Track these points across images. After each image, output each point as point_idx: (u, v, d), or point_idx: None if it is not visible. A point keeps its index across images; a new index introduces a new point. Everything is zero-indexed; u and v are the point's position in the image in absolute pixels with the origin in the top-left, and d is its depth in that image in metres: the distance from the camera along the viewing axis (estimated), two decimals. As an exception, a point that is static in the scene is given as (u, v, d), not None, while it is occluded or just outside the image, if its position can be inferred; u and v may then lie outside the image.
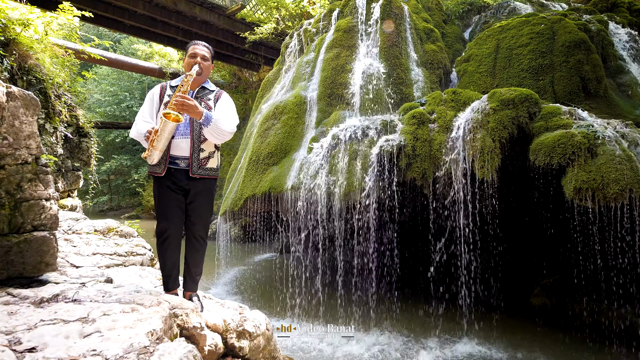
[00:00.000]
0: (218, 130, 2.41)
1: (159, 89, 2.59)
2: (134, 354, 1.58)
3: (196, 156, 2.48)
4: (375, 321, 5.02)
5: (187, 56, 2.58)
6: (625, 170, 3.79)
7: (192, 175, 2.46)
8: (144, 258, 3.77)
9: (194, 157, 2.47)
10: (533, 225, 5.44)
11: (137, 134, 2.50)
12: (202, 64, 2.52)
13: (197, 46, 2.58)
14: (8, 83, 3.83)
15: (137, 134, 2.49)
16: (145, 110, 2.56)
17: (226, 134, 2.47)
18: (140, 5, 12.00)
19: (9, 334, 1.62)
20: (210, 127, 2.38)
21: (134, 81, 24.39)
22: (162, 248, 2.47)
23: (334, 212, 5.23)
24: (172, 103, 2.28)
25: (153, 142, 2.31)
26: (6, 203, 2.22)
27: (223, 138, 2.49)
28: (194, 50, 2.56)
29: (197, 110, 2.32)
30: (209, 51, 2.64)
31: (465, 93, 5.39)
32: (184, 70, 2.58)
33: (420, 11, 7.82)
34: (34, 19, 5.07)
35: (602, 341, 4.38)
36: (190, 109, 2.30)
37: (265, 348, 2.58)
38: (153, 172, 2.48)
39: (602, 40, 6.41)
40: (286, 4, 14.04)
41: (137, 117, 2.56)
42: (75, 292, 2.16)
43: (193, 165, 2.47)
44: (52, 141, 5.25)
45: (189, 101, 2.29)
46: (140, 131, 2.47)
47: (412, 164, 4.88)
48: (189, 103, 2.29)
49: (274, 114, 6.59)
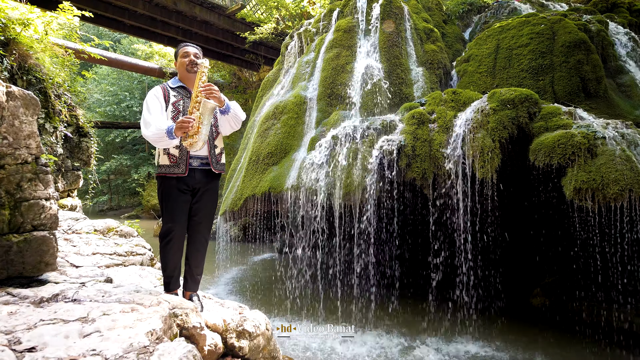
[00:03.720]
0: (236, 117, 2.55)
1: (161, 91, 2.52)
2: (134, 353, 1.58)
3: (213, 152, 2.56)
4: (375, 321, 5.02)
5: (179, 59, 2.60)
6: (625, 170, 3.79)
7: (215, 171, 2.55)
8: (144, 258, 3.77)
9: (211, 153, 2.55)
10: (533, 225, 5.44)
11: (155, 131, 2.31)
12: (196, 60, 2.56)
13: (187, 46, 2.62)
14: (8, 83, 3.83)
15: (157, 131, 2.31)
16: (156, 108, 2.44)
17: (240, 121, 2.62)
18: (140, 5, 12.00)
19: (8, 334, 1.62)
20: (230, 114, 2.51)
21: (134, 81, 24.39)
22: (166, 249, 2.46)
23: (333, 212, 5.23)
24: (200, 92, 2.35)
25: (198, 128, 2.28)
26: (6, 203, 2.22)
27: (237, 126, 2.62)
28: (185, 50, 2.60)
29: (221, 98, 2.41)
30: (199, 50, 2.67)
31: (465, 93, 5.39)
32: (179, 71, 2.60)
33: (420, 11, 7.82)
34: (34, 18, 5.07)
35: (602, 341, 4.38)
36: (218, 95, 2.38)
37: (265, 348, 2.58)
38: (170, 173, 2.42)
39: (602, 40, 6.41)
40: (286, 4, 14.04)
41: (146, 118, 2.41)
42: (75, 292, 2.16)
43: (213, 162, 2.54)
44: (52, 141, 5.25)
45: (215, 89, 2.36)
46: (160, 127, 2.31)
47: (412, 164, 4.88)
48: (216, 91, 2.37)
49: (274, 113, 6.59)
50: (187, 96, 2.54)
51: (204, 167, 2.51)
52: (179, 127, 2.26)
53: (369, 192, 4.86)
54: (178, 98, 2.52)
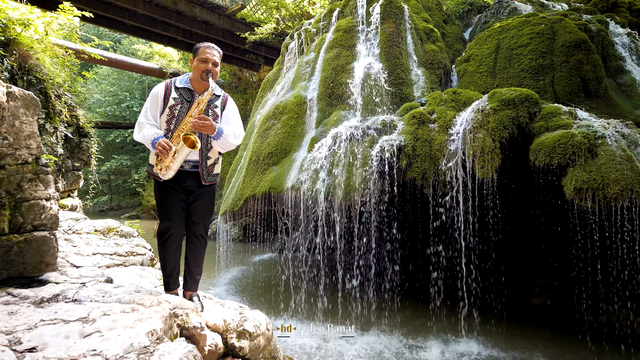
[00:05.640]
0: (226, 143, 2.50)
1: (163, 89, 2.47)
2: (134, 353, 1.58)
3: (205, 164, 2.52)
4: (375, 321, 5.02)
5: (196, 59, 2.48)
6: (626, 170, 3.79)
7: (204, 183, 2.53)
8: (144, 258, 3.77)
9: (203, 165, 2.51)
10: (533, 225, 5.43)
11: (143, 139, 2.40)
12: (213, 70, 2.47)
13: (209, 50, 2.48)
14: (8, 83, 3.84)
15: (144, 139, 2.39)
16: (149, 112, 2.45)
17: (233, 146, 2.58)
18: (141, 5, 12.01)
19: (9, 334, 1.62)
20: (220, 140, 2.46)
21: (134, 81, 24.40)
22: (164, 247, 2.47)
23: (334, 212, 5.23)
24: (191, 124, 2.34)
25: (171, 163, 2.32)
26: (6, 203, 2.22)
27: (229, 149, 2.59)
28: (205, 55, 2.46)
29: (212, 127, 2.38)
30: (220, 55, 2.56)
31: (466, 93, 5.39)
32: (193, 72, 2.50)
33: (420, 11, 7.82)
34: (34, 19, 5.06)
35: (602, 341, 4.38)
36: (208, 129, 2.37)
37: (265, 348, 2.58)
38: (154, 175, 2.45)
39: (602, 40, 6.41)
40: (286, 4, 14.04)
41: (140, 119, 2.45)
42: (76, 292, 2.16)
43: (203, 174, 2.52)
44: (52, 141, 5.25)
45: (206, 122, 2.35)
46: (146, 136, 2.37)
47: (412, 163, 4.88)
48: (207, 124, 2.35)
49: (274, 114, 6.59)
50: (188, 100, 2.47)
51: (194, 169, 2.50)
52: (158, 148, 2.31)
53: (370, 192, 4.86)
54: (177, 101, 2.45)
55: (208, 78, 2.45)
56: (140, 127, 2.43)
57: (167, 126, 2.43)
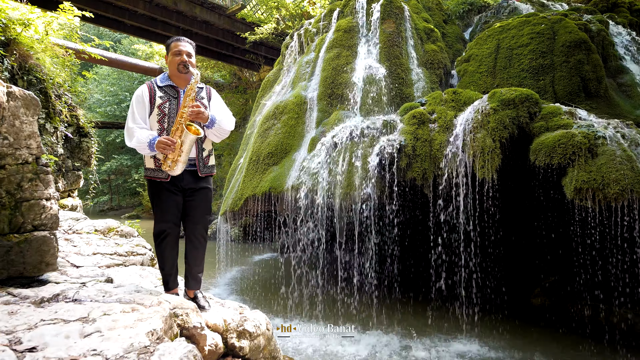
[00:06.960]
0: (221, 130, 2.52)
1: (147, 90, 2.45)
2: (134, 353, 1.58)
3: (201, 156, 2.53)
4: (375, 321, 5.02)
5: (170, 54, 2.50)
6: (626, 170, 3.79)
7: (201, 175, 2.52)
8: (145, 258, 3.77)
9: (199, 157, 2.52)
10: (533, 225, 5.43)
11: (137, 143, 2.35)
12: (189, 62, 2.48)
13: (180, 42, 2.50)
14: (8, 83, 3.83)
15: (138, 143, 2.34)
16: (137, 116, 2.41)
17: (228, 131, 2.60)
18: (141, 5, 12.01)
19: (9, 334, 1.62)
20: (214, 128, 2.47)
21: (134, 81, 24.40)
22: (162, 247, 2.47)
23: (334, 212, 5.23)
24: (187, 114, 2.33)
25: (179, 156, 2.30)
26: (7, 203, 2.22)
27: (224, 136, 2.61)
28: (177, 48, 2.48)
29: (206, 115, 2.39)
30: (193, 46, 2.58)
31: (466, 93, 5.39)
32: (169, 67, 2.51)
33: (420, 11, 7.82)
34: (34, 19, 5.06)
35: (602, 341, 4.38)
36: (203, 117, 2.38)
37: (265, 348, 2.58)
38: (155, 177, 2.43)
39: (603, 40, 6.40)
40: (286, 4, 14.04)
41: (129, 125, 2.40)
42: (76, 292, 2.16)
43: (200, 166, 2.53)
44: (52, 141, 5.25)
45: (202, 109, 2.37)
46: (141, 140, 2.33)
47: (413, 163, 4.88)
48: (203, 112, 2.37)
49: (274, 114, 6.60)
50: (174, 97, 2.47)
51: (191, 168, 2.49)
52: (160, 147, 2.29)
53: (370, 192, 4.86)
54: (164, 100, 2.44)
55: (186, 69, 2.46)
56: (131, 132, 2.39)
57: (160, 125, 2.42)
